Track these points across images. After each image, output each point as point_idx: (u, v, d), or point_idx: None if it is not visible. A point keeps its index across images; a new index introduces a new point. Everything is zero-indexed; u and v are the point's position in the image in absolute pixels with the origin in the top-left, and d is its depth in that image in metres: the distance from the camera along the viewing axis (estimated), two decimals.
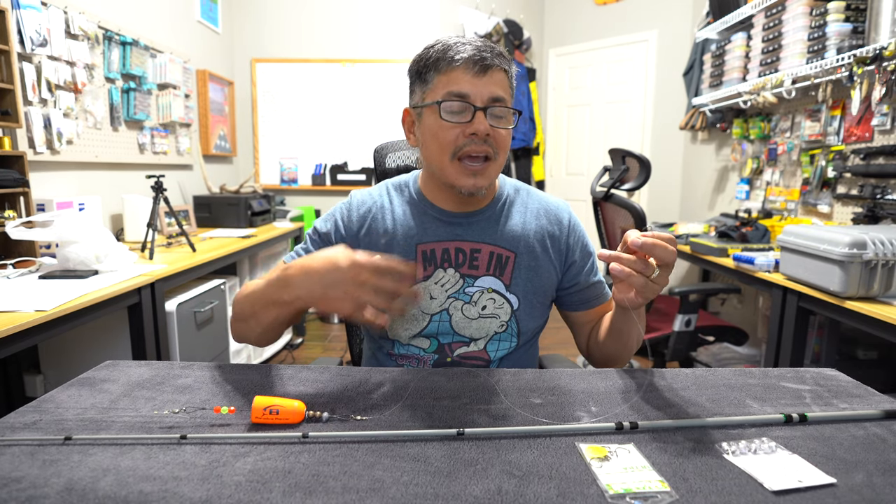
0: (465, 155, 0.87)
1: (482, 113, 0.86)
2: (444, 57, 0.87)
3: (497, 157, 0.89)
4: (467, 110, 0.86)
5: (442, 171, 0.90)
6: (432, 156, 0.91)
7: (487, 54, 0.86)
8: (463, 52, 0.86)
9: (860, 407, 0.72)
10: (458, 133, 0.86)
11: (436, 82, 0.88)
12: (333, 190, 3.86)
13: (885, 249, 1.46)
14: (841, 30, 2.13)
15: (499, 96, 0.87)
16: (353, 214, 1.00)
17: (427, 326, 0.95)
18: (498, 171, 0.92)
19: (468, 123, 0.86)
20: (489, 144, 0.87)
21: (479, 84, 0.86)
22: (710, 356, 2.95)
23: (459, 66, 0.86)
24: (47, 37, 1.97)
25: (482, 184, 0.89)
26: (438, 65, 0.87)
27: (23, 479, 0.53)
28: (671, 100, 3.75)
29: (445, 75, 0.87)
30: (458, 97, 0.86)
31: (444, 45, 0.88)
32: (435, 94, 0.88)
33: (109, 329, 1.83)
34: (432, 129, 0.89)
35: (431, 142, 0.90)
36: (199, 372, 0.82)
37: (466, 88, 0.85)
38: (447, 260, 0.95)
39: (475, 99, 0.86)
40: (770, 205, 2.80)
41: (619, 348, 0.95)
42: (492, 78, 0.86)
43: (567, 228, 1.01)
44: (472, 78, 0.86)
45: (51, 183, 2.10)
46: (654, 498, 0.51)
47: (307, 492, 0.51)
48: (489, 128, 0.86)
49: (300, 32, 3.77)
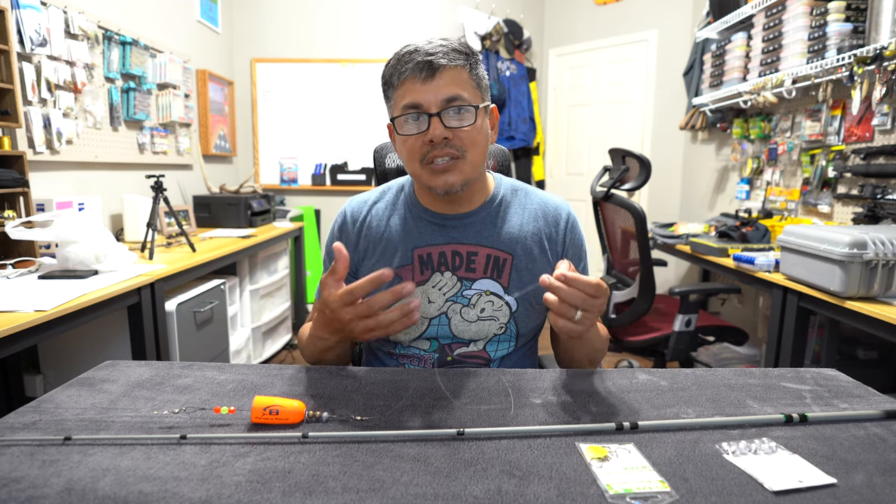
0: (430, 160, 0.88)
1: (437, 118, 0.85)
2: (395, 71, 0.88)
3: (465, 154, 0.88)
4: (423, 119, 0.86)
5: (417, 177, 0.92)
6: (406, 165, 0.93)
7: (433, 56, 0.85)
8: (410, 62, 0.85)
9: (860, 407, 0.72)
10: (420, 141, 0.87)
11: (395, 97, 0.89)
12: (333, 190, 3.86)
13: (885, 249, 1.46)
14: (841, 30, 2.13)
15: (453, 95, 0.86)
16: (348, 227, 1.01)
17: (426, 330, 0.96)
18: (473, 168, 0.90)
19: (425, 132, 0.86)
20: (451, 146, 0.87)
21: (430, 89, 0.85)
22: (710, 356, 2.95)
23: (408, 77, 0.86)
24: (47, 37, 1.97)
25: (453, 180, 0.88)
26: (392, 80, 0.89)
27: (23, 479, 0.52)
28: (671, 100, 3.75)
29: (400, 89, 0.88)
30: (411, 108, 0.86)
31: (396, 57, 0.88)
32: (395, 109, 0.89)
33: (109, 329, 1.83)
34: (399, 142, 0.91)
35: (402, 153, 0.92)
36: (199, 372, 0.82)
37: (417, 97, 0.85)
38: (444, 263, 0.95)
39: (428, 106, 0.85)
40: (770, 205, 2.80)
41: (569, 362, 0.96)
42: (443, 79, 0.85)
43: (564, 229, 1.01)
44: (421, 85, 0.85)
45: (50, 183, 2.10)
46: (654, 498, 0.50)
47: (307, 492, 0.51)
48: (444, 131, 0.85)
49: (300, 32, 3.77)
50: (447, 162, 0.87)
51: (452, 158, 0.87)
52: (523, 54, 4.29)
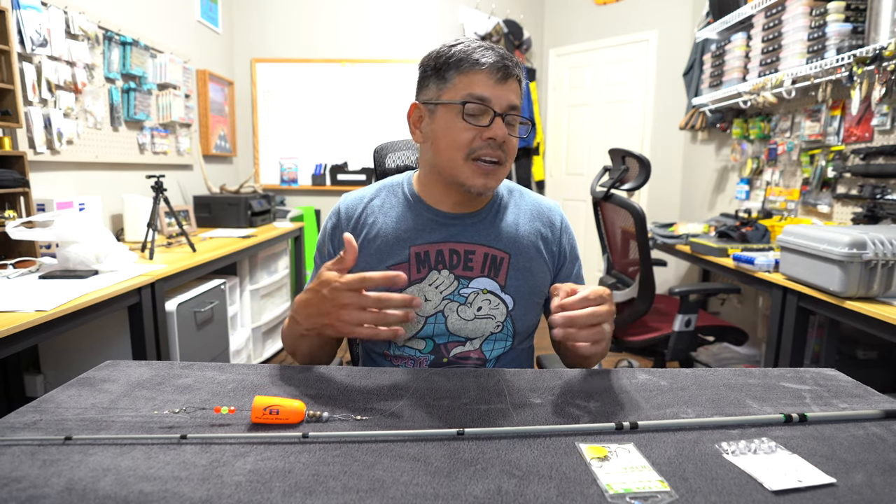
0: (479, 157, 0.88)
1: (500, 119, 0.87)
2: (467, 58, 0.87)
3: (506, 162, 0.91)
4: (486, 114, 0.87)
5: (453, 169, 0.90)
6: (441, 154, 0.91)
7: (509, 63, 0.88)
8: (488, 58, 0.87)
9: (860, 407, 0.72)
10: (475, 135, 0.87)
11: (456, 82, 0.88)
12: (333, 190, 3.86)
13: (884, 249, 1.46)
14: (841, 30, 2.13)
15: (515, 104, 0.89)
16: (342, 223, 1.01)
17: (422, 328, 0.95)
18: (504, 176, 0.94)
19: (486, 128, 0.87)
20: (502, 150, 0.89)
21: (501, 91, 0.87)
22: (710, 356, 2.95)
23: (484, 70, 0.87)
24: (47, 37, 1.97)
25: (492, 185, 0.91)
26: (461, 65, 0.88)
27: (23, 479, 0.53)
28: (671, 100, 3.75)
29: (468, 76, 0.87)
30: (479, 100, 0.87)
31: (467, 45, 0.89)
32: (454, 94, 0.88)
33: (109, 329, 1.83)
34: (447, 128, 0.89)
35: (444, 140, 0.90)
36: (199, 372, 0.82)
37: (489, 93, 0.86)
38: (441, 262, 0.95)
39: (496, 105, 0.87)
40: (770, 205, 2.80)
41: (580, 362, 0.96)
42: (510, 86, 0.88)
43: (559, 231, 1.03)
44: (494, 84, 0.87)
45: (51, 183, 2.10)
46: (653, 498, 0.51)
47: (307, 492, 0.51)
48: (506, 134, 0.88)
49: (300, 32, 3.77)
50: (493, 165, 0.89)
51: (497, 163, 0.89)
52: (523, 54, 4.29)
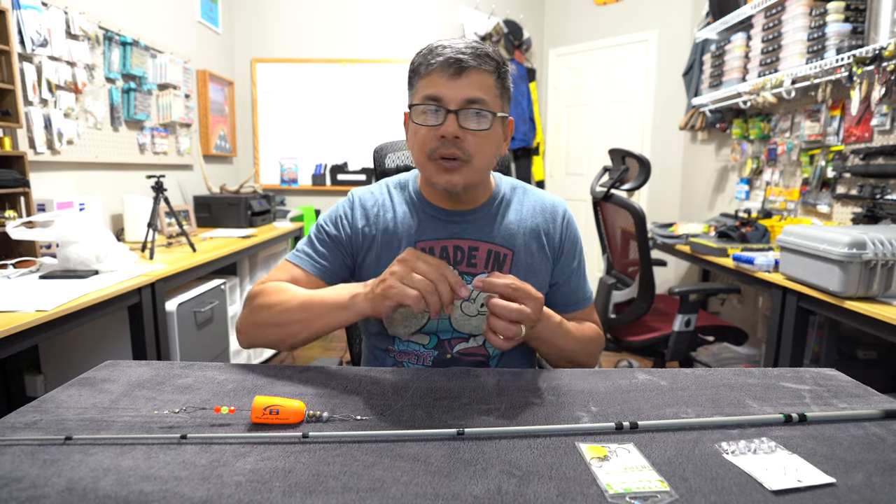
0: (438, 156, 0.88)
1: (453, 115, 0.86)
2: (424, 61, 0.88)
3: (471, 160, 0.88)
4: (440, 112, 0.86)
5: (422, 170, 0.93)
6: (414, 156, 0.93)
7: (465, 55, 0.85)
8: (441, 55, 0.86)
9: (860, 407, 0.72)
10: (432, 135, 0.87)
11: (418, 86, 0.89)
12: (333, 190, 3.86)
13: (884, 249, 1.46)
14: (840, 30, 2.13)
15: (475, 98, 0.86)
16: (357, 212, 1.01)
17: (426, 324, 0.96)
18: (477, 173, 0.91)
19: (440, 126, 0.86)
20: (459, 148, 0.87)
21: (454, 86, 0.86)
22: (710, 356, 2.95)
23: (435, 69, 0.86)
24: (48, 37, 1.97)
25: (457, 181, 0.89)
26: (419, 69, 0.89)
27: (23, 479, 0.53)
28: (671, 100, 3.75)
29: (425, 78, 0.88)
30: (432, 100, 0.87)
31: (428, 48, 0.89)
32: (415, 98, 0.90)
33: (110, 329, 1.84)
34: (412, 132, 0.91)
35: (411, 143, 0.93)
36: (199, 372, 0.82)
37: (440, 91, 0.86)
38: (445, 258, 0.96)
39: (448, 102, 0.86)
40: (770, 205, 2.80)
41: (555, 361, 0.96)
42: (469, 80, 0.86)
43: (561, 224, 1.02)
44: (447, 80, 0.86)
45: (51, 183, 2.10)
46: (653, 498, 0.51)
47: (307, 492, 0.51)
48: (457, 130, 0.85)
49: (300, 32, 3.77)
50: (452, 162, 0.88)
51: (458, 160, 0.88)
52: (523, 55, 4.29)
